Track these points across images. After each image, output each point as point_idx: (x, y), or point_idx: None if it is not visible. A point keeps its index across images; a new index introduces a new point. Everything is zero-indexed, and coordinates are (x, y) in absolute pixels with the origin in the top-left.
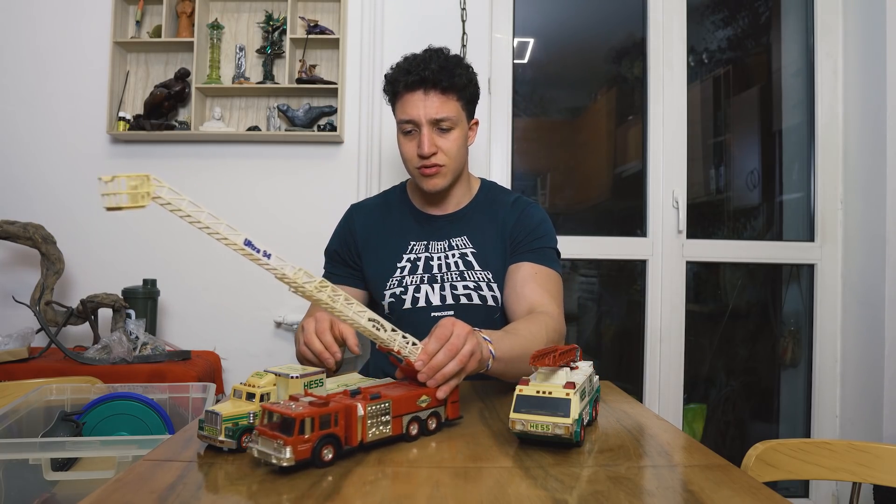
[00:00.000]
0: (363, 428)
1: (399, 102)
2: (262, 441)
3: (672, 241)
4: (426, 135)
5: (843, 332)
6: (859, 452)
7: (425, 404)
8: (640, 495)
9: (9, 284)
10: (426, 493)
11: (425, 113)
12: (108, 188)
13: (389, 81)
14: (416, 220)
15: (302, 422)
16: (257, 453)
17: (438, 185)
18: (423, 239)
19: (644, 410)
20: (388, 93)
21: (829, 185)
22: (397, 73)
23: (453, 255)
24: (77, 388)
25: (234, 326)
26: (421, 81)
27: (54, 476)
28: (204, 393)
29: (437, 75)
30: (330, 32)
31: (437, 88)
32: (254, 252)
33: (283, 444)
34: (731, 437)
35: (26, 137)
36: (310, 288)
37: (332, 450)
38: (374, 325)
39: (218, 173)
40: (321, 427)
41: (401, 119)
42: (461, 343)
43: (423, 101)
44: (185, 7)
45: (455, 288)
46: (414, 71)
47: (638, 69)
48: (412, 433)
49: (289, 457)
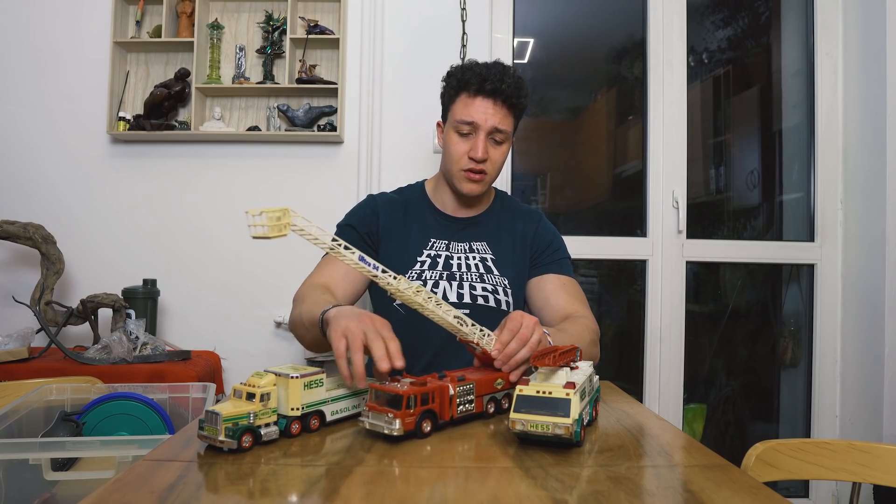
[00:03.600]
0: (453, 405)
1: (463, 102)
2: (372, 415)
3: (672, 241)
4: (482, 140)
5: (843, 332)
6: (859, 452)
7: (500, 386)
8: (640, 495)
9: (9, 284)
10: (426, 493)
11: (489, 121)
12: (255, 220)
13: (460, 80)
14: (437, 219)
15: (409, 398)
16: (369, 426)
17: (476, 191)
18: (445, 238)
19: (644, 410)
20: (453, 89)
21: (829, 185)
22: (470, 75)
23: (474, 258)
24: (77, 388)
25: (234, 326)
26: (495, 92)
27: (54, 476)
28: (204, 393)
29: (512, 91)
30: (330, 32)
31: (506, 103)
32: (366, 266)
33: (394, 417)
34: (731, 437)
35: (26, 137)
36: (409, 293)
37: (430, 423)
38: (458, 321)
39: (218, 173)
40: (422, 403)
41: (461, 119)
42: (530, 333)
43: (491, 109)
44: (185, 7)
45: (474, 288)
46: (491, 79)
47: (638, 69)
48: (490, 411)
49: (398, 427)
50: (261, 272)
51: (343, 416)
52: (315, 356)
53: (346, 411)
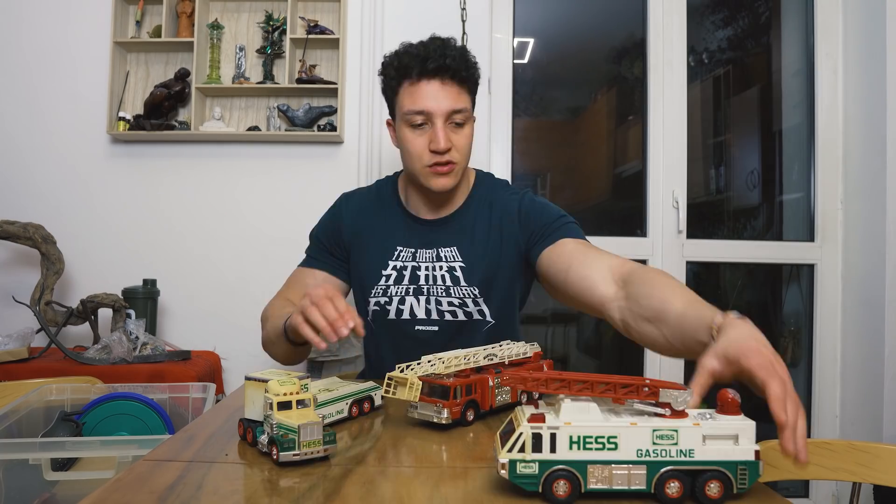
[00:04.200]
0: (492, 395)
1: (407, 92)
2: (421, 406)
3: (672, 241)
4: (441, 129)
5: (843, 332)
6: (859, 452)
7: None
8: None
9: (9, 284)
10: (426, 493)
11: (442, 104)
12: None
13: (398, 68)
14: (405, 223)
15: (455, 389)
16: (417, 416)
17: (448, 185)
18: (411, 246)
19: None
20: (393, 80)
21: (829, 185)
22: (408, 59)
23: (440, 268)
24: (77, 388)
25: (234, 326)
26: (439, 70)
27: (54, 476)
28: (204, 393)
29: (459, 64)
30: (330, 32)
31: (455, 79)
32: None
33: (442, 407)
34: None
35: (26, 137)
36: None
37: (473, 412)
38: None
39: (218, 173)
40: (466, 394)
41: (411, 110)
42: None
43: (440, 90)
44: (185, 7)
45: (440, 303)
46: (432, 57)
47: (638, 69)
48: (523, 401)
49: (446, 416)
50: (261, 272)
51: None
52: (316, 356)
53: (340, 414)
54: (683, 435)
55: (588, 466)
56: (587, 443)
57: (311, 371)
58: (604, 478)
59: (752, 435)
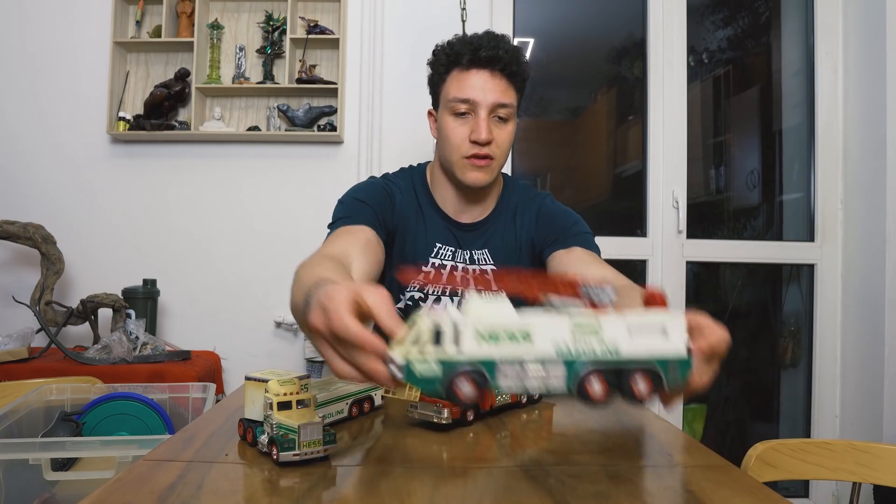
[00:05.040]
0: (492, 396)
1: (455, 79)
2: (421, 406)
3: (672, 241)
4: (485, 119)
5: (843, 332)
6: (859, 452)
7: None
8: (640, 495)
9: (9, 284)
10: (426, 493)
11: (489, 95)
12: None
13: (447, 54)
14: (443, 222)
15: None
16: (418, 416)
17: (482, 181)
18: (450, 245)
19: (644, 410)
20: (441, 66)
21: (829, 185)
22: (461, 46)
23: (474, 271)
24: (77, 388)
25: (234, 326)
26: (491, 60)
27: (54, 476)
28: (204, 393)
29: (511, 58)
30: (330, 32)
31: (504, 72)
32: None
33: (443, 407)
34: (731, 437)
35: (26, 137)
36: None
37: (473, 412)
38: None
39: (218, 173)
40: None
41: (456, 97)
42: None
43: (489, 81)
44: (185, 7)
45: None
46: (485, 47)
47: (638, 69)
48: (522, 401)
49: (447, 416)
50: (261, 272)
51: (336, 419)
52: (315, 356)
53: (340, 414)
54: (607, 327)
55: (498, 364)
56: (497, 337)
57: (311, 371)
58: (517, 377)
59: (683, 330)
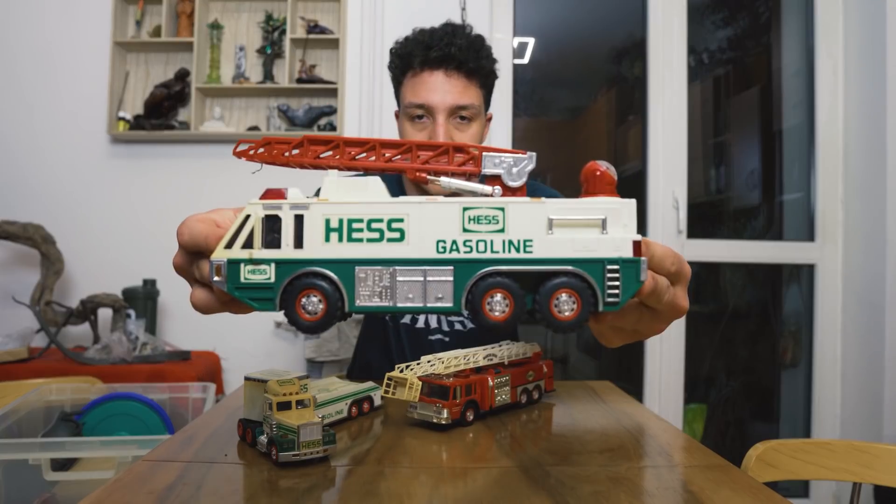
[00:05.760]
0: (492, 395)
1: (409, 82)
2: (420, 406)
3: (672, 241)
4: (442, 125)
5: (843, 332)
6: (859, 452)
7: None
8: (640, 495)
9: (9, 284)
10: (426, 493)
11: (446, 98)
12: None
13: (400, 56)
14: None
15: (455, 389)
16: (417, 416)
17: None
18: None
19: (644, 411)
20: (396, 69)
21: (829, 185)
22: (412, 46)
23: None
24: (77, 388)
25: (233, 326)
26: (443, 60)
27: (54, 476)
28: (204, 393)
29: (464, 54)
30: (330, 32)
31: (461, 70)
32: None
33: (442, 407)
34: (731, 437)
35: (26, 137)
36: None
37: (472, 412)
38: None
39: (218, 173)
40: (466, 394)
41: (411, 102)
42: None
43: (443, 83)
44: (185, 7)
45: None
46: (436, 46)
47: (638, 69)
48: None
49: (446, 416)
50: None
51: (336, 419)
52: (315, 356)
53: (339, 414)
54: (514, 217)
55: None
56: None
57: (311, 371)
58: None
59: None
